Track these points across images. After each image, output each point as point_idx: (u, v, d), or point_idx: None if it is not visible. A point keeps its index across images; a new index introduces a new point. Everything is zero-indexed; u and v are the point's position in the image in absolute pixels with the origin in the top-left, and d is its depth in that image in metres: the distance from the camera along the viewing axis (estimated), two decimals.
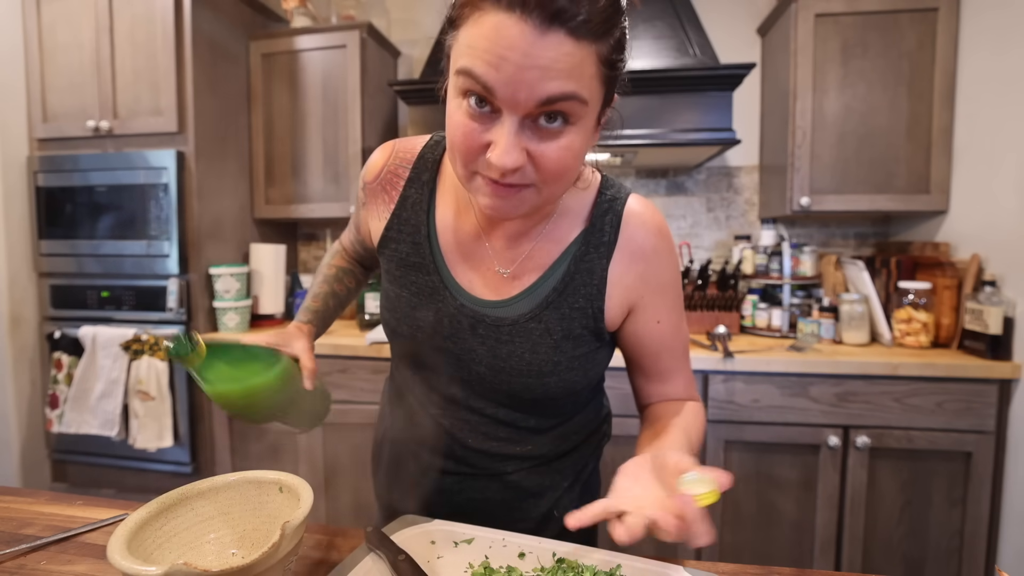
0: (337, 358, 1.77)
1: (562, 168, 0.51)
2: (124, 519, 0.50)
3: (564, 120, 0.49)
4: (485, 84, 0.46)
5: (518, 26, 0.44)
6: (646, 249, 0.65)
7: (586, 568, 0.56)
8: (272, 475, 0.59)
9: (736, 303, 1.87)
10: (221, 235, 1.99)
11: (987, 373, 1.45)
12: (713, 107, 1.71)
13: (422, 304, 0.66)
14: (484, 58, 0.46)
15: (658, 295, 0.67)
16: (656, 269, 0.66)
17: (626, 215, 0.64)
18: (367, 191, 0.72)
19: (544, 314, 0.63)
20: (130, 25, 1.86)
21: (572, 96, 0.47)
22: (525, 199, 0.53)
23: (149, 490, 1.94)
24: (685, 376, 0.74)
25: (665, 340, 0.69)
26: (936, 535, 1.51)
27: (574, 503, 0.74)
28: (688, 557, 1.59)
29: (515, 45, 0.44)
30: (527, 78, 0.45)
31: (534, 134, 0.49)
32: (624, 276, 0.64)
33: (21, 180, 1.96)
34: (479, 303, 0.65)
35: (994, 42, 1.57)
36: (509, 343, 0.63)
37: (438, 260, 0.67)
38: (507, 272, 0.65)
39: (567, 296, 0.63)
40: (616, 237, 0.64)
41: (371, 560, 0.56)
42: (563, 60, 0.45)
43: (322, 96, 2.06)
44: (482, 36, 0.46)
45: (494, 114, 0.48)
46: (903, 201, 1.74)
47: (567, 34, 0.44)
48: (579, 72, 0.46)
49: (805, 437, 1.54)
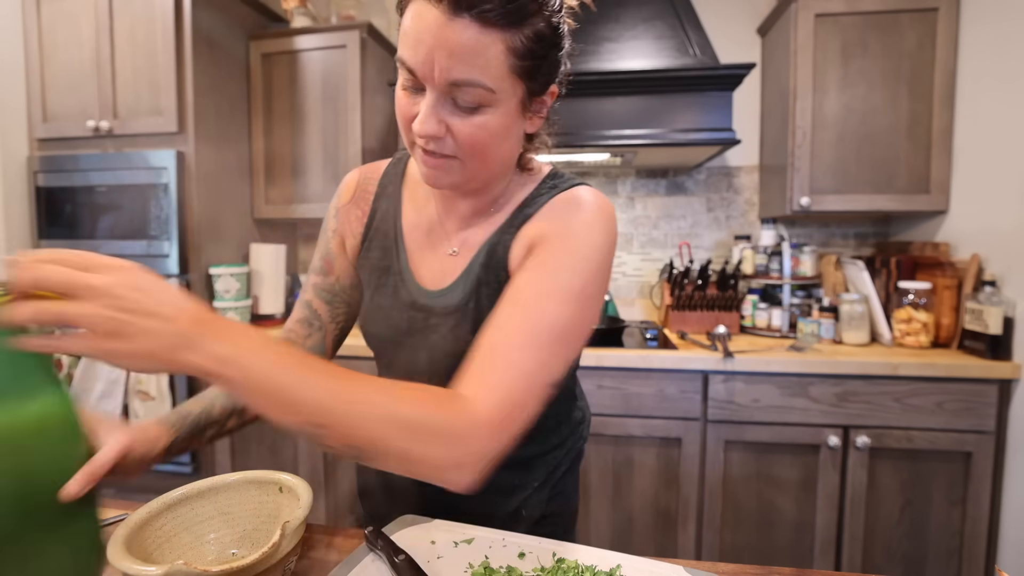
0: (337, 358, 1.76)
1: (478, 143, 0.55)
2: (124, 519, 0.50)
3: (473, 104, 0.54)
4: (408, 66, 0.53)
5: (432, 12, 0.50)
6: (558, 209, 0.62)
7: (586, 568, 0.56)
8: (272, 475, 0.59)
9: (736, 303, 1.87)
10: (221, 235, 1.99)
11: (987, 373, 1.45)
12: (713, 107, 1.71)
13: (386, 302, 0.70)
14: (406, 42, 0.52)
15: (549, 248, 0.58)
16: (563, 224, 0.60)
17: (560, 194, 0.64)
18: (340, 214, 0.75)
19: (476, 292, 0.65)
20: (130, 25, 1.86)
21: (476, 84, 0.52)
22: (452, 168, 0.58)
23: (149, 490, 1.93)
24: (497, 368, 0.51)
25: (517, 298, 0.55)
26: (936, 535, 1.51)
27: (543, 503, 0.74)
28: (688, 557, 1.59)
29: (428, 28, 0.50)
30: (438, 58, 0.50)
31: (453, 110, 0.54)
32: (531, 230, 0.63)
33: (21, 180, 1.96)
34: (428, 295, 0.68)
35: (994, 42, 1.57)
36: (457, 328, 0.65)
37: (402, 259, 0.70)
38: (455, 251, 0.68)
39: (491, 270, 0.65)
40: (539, 210, 0.64)
41: (371, 560, 0.56)
42: (468, 45, 0.50)
43: (322, 96, 2.06)
44: (407, 24, 0.52)
45: (420, 91, 0.54)
46: (903, 201, 1.74)
47: (472, 20, 0.49)
48: (484, 59, 0.51)
49: (805, 437, 1.54)
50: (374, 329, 0.72)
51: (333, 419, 0.44)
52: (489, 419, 0.48)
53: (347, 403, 0.44)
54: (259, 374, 0.42)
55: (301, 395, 0.43)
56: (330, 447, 0.45)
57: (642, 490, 1.63)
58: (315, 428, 0.44)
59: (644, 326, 2.06)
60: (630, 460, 1.62)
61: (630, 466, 1.63)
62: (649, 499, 1.63)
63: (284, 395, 0.43)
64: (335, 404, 0.44)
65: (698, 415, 1.58)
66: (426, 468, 0.47)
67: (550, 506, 0.75)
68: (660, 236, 2.25)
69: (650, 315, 2.24)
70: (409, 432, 0.45)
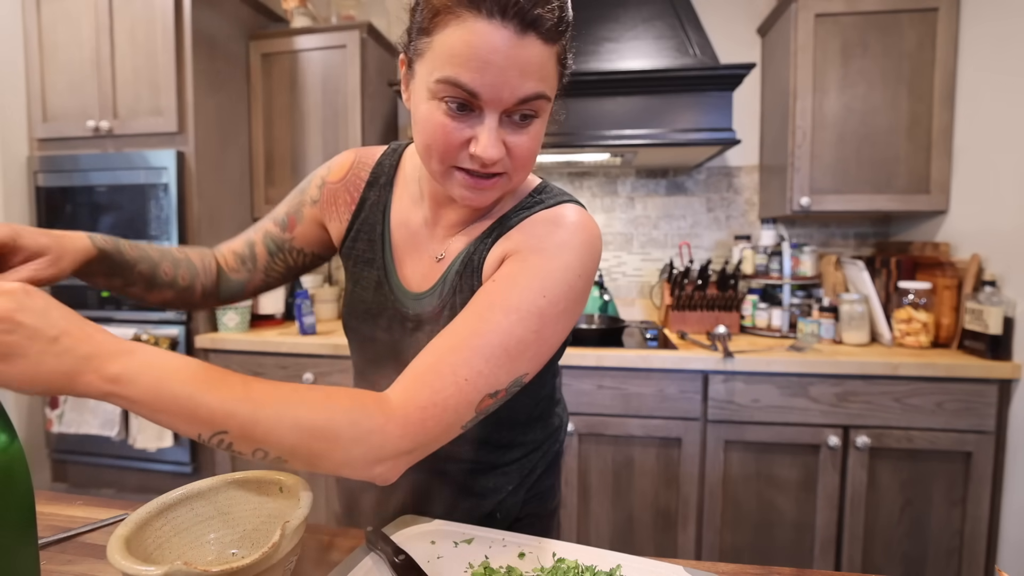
0: (338, 358, 1.77)
1: (530, 155, 0.57)
2: (124, 519, 0.50)
3: (533, 113, 0.54)
4: (471, 91, 0.51)
5: (499, 32, 0.49)
6: (537, 227, 0.61)
7: (586, 568, 0.56)
8: (272, 475, 0.59)
9: (736, 303, 1.87)
10: (221, 235, 1.99)
11: (987, 373, 1.45)
12: (713, 107, 1.71)
13: (368, 297, 0.71)
14: (469, 65, 0.50)
15: (515, 263, 0.58)
16: (536, 242, 0.59)
17: (543, 211, 0.62)
18: (326, 190, 0.74)
19: (452, 299, 0.65)
20: (130, 25, 1.86)
21: (542, 95, 0.53)
22: (497, 186, 0.58)
23: (149, 490, 1.94)
24: (425, 368, 0.52)
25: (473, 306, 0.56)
26: (936, 535, 1.51)
27: (518, 505, 0.74)
28: (688, 557, 1.59)
29: (498, 49, 0.49)
30: (509, 79, 0.50)
31: (509, 127, 0.54)
32: (505, 241, 0.62)
33: (21, 180, 1.96)
34: (408, 295, 0.68)
35: (994, 42, 1.57)
36: (432, 332, 0.62)
37: (387, 256, 0.70)
38: (441, 256, 0.68)
39: (465, 278, 0.64)
40: (519, 222, 0.63)
41: (371, 560, 0.56)
42: (535, 61, 0.51)
43: (322, 96, 2.06)
44: (464, 43, 0.49)
45: (473, 112, 0.53)
46: (903, 201, 1.74)
47: (538, 38, 0.50)
48: (546, 71, 0.53)
49: (805, 437, 1.54)
50: (354, 321, 0.73)
51: (235, 424, 0.43)
52: (405, 417, 0.49)
53: (251, 410, 0.44)
54: (154, 389, 0.42)
55: (201, 404, 0.42)
56: (238, 453, 0.45)
57: (642, 490, 1.63)
58: (220, 436, 0.44)
59: (644, 326, 2.06)
60: (630, 460, 1.62)
61: (630, 466, 1.63)
62: (649, 499, 1.63)
63: (183, 406, 0.42)
64: (237, 410, 0.43)
65: (698, 415, 1.58)
66: (333, 467, 0.47)
67: (526, 508, 0.75)
68: (660, 236, 2.25)
69: (650, 315, 2.24)
70: (312, 436, 0.45)
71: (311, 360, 1.79)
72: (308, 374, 1.78)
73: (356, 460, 0.47)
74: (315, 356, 1.78)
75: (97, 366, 0.41)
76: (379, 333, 0.70)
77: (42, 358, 0.39)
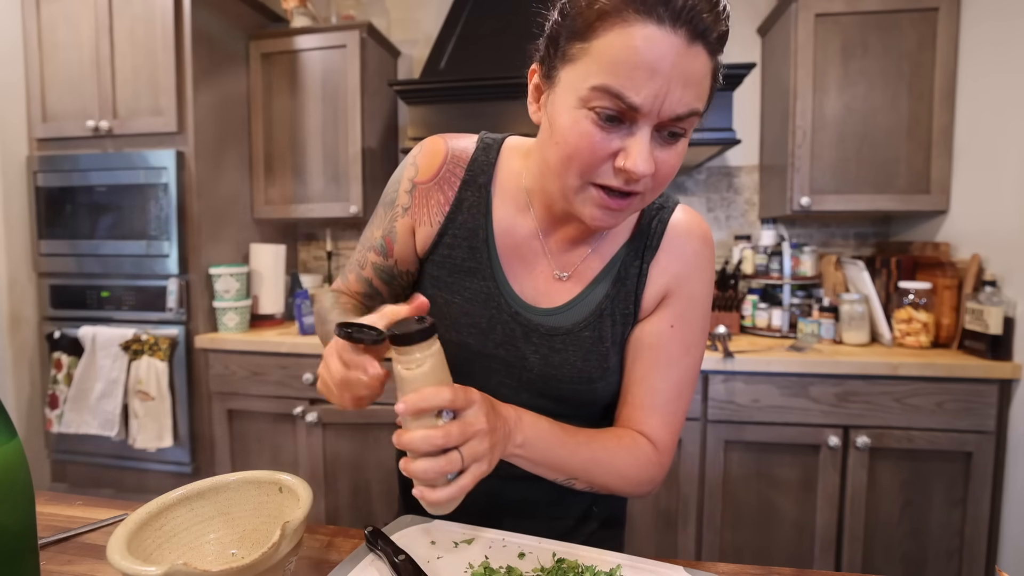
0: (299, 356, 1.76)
1: (672, 173, 0.53)
2: (124, 519, 0.50)
3: (683, 132, 0.51)
4: (632, 103, 0.47)
5: (668, 39, 0.45)
6: (687, 253, 0.65)
7: (586, 568, 0.56)
8: (272, 475, 0.59)
9: (736, 303, 1.87)
10: (221, 235, 1.99)
11: (987, 373, 1.45)
12: (713, 107, 1.68)
13: (475, 310, 0.65)
14: (633, 74, 0.46)
15: (682, 302, 0.65)
16: (692, 272, 0.65)
17: (672, 222, 0.65)
18: (418, 192, 0.67)
19: (597, 322, 0.64)
20: (130, 25, 1.86)
21: (697, 113, 0.50)
22: (632, 206, 0.55)
23: (149, 490, 1.94)
24: (667, 412, 0.65)
25: (669, 352, 0.64)
26: (936, 535, 1.51)
27: (611, 498, 0.75)
28: (688, 557, 1.59)
29: (666, 56, 0.46)
30: (673, 89, 0.47)
31: (657, 142, 0.51)
32: (663, 273, 0.65)
33: (21, 180, 1.96)
34: (533, 311, 0.65)
35: (995, 42, 1.57)
36: (563, 351, 0.64)
37: (495, 265, 0.66)
38: (566, 276, 0.66)
39: (618, 303, 0.64)
40: (660, 242, 0.65)
41: (371, 560, 0.56)
42: (699, 73, 0.48)
43: (322, 96, 2.06)
44: (631, 49, 0.46)
45: (623, 124, 0.50)
46: (903, 201, 1.74)
47: (704, 48, 0.47)
48: (704, 86, 0.50)
49: (805, 437, 1.54)
50: (458, 337, 0.66)
51: (583, 475, 0.61)
52: (668, 458, 0.66)
53: (592, 465, 0.61)
54: (544, 454, 0.57)
55: (565, 464, 0.59)
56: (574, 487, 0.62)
57: None
58: (569, 481, 0.61)
59: None
60: None
61: None
62: (649, 499, 1.63)
63: (556, 464, 0.59)
64: (585, 467, 0.60)
65: (698, 415, 1.58)
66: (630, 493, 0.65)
67: (614, 500, 0.77)
68: None
69: None
70: (627, 480, 0.63)
71: (311, 360, 1.79)
72: (307, 374, 1.78)
73: (642, 492, 0.65)
74: (315, 356, 1.78)
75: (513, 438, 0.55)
76: (492, 348, 0.66)
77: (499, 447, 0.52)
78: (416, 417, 0.47)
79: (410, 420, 0.47)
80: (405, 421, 0.47)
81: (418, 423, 0.47)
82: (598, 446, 0.61)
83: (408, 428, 0.47)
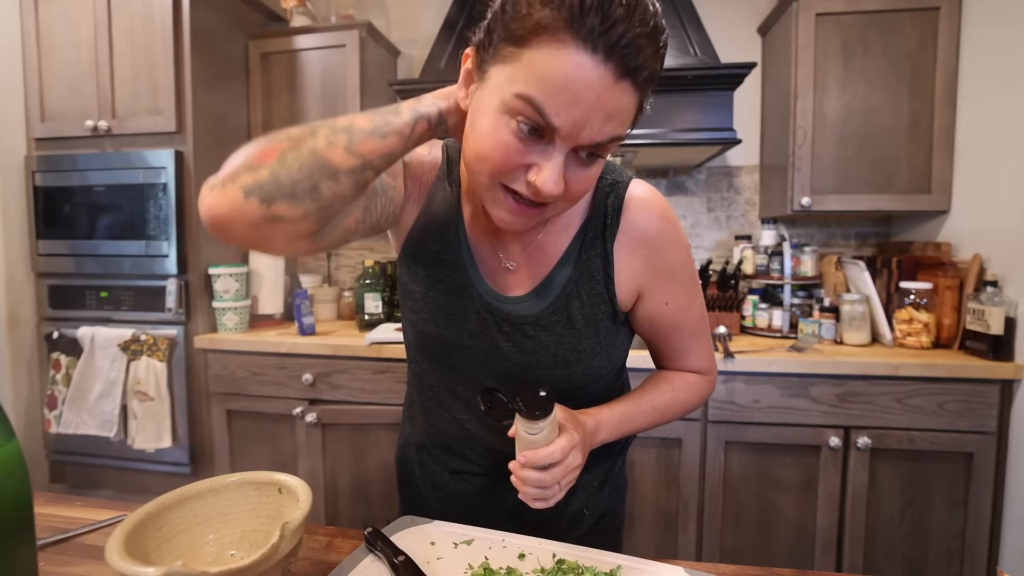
0: (337, 358, 1.76)
1: (585, 190, 0.55)
2: (122, 520, 0.50)
3: (600, 154, 0.52)
4: (551, 123, 0.47)
5: (598, 70, 0.46)
6: (650, 234, 0.65)
7: (586, 569, 0.55)
8: (271, 476, 0.59)
9: (737, 303, 1.87)
10: None
11: (989, 374, 1.44)
12: (714, 107, 1.71)
13: (450, 302, 0.67)
14: (558, 96, 0.46)
15: (665, 279, 0.67)
16: (661, 253, 0.66)
17: (627, 200, 0.65)
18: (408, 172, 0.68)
19: (564, 306, 0.64)
20: (129, 24, 1.85)
21: (619, 139, 0.51)
22: (542, 215, 0.55)
23: (148, 491, 1.94)
24: (699, 352, 0.75)
25: (676, 320, 0.70)
26: (937, 536, 1.51)
27: (603, 501, 0.76)
28: (688, 558, 1.59)
29: (592, 87, 0.46)
30: (593, 120, 0.48)
31: (573, 161, 0.51)
32: (630, 261, 0.65)
33: (19, 180, 1.96)
34: (503, 300, 0.66)
35: (996, 42, 1.56)
36: (534, 338, 0.65)
37: (466, 257, 0.67)
38: (513, 266, 0.66)
39: (583, 285, 0.65)
40: (618, 221, 0.65)
41: (371, 560, 0.56)
42: (623, 107, 0.49)
43: (321, 96, 2.05)
44: (559, 71, 0.46)
45: (542, 140, 0.50)
46: (904, 201, 1.74)
47: (632, 85, 0.48)
48: (628, 117, 0.50)
49: (806, 438, 1.53)
50: (436, 329, 0.68)
51: (654, 427, 0.73)
52: (716, 372, 0.77)
53: (659, 418, 0.72)
54: (620, 434, 0.68)
55: (638, 429, 0.71)
56: None
57: (642, 490, 1.63)
58: None
59: None
60: (631, 460, 1.62)
61: (631, 466, 1.62)
62: (649, 499, 1.63)
63: (630, 432, 0.71)
64: (654, 422, 0.72)
65: (698, 415, 1.58)
66: None
67: (609, 503, 0.78)
68: None
69: None
70: (690, 410, 0.75)
71: (310, 360, 1.78)
72: (307, 375, 1.78)
73: None
74: (314, 356, 1.78)
75: (594, 441, 0.65)
76: (468, 339, 0.67)
77: (586, 454, 0.62)
78: None
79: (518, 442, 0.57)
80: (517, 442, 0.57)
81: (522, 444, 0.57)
82: (660, 403, 0.71)
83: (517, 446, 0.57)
